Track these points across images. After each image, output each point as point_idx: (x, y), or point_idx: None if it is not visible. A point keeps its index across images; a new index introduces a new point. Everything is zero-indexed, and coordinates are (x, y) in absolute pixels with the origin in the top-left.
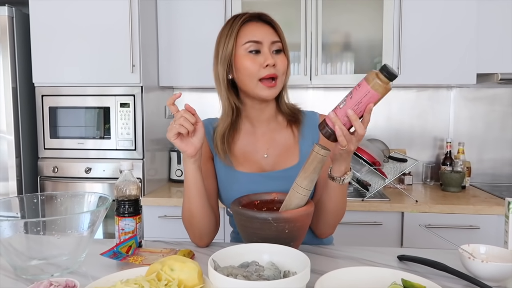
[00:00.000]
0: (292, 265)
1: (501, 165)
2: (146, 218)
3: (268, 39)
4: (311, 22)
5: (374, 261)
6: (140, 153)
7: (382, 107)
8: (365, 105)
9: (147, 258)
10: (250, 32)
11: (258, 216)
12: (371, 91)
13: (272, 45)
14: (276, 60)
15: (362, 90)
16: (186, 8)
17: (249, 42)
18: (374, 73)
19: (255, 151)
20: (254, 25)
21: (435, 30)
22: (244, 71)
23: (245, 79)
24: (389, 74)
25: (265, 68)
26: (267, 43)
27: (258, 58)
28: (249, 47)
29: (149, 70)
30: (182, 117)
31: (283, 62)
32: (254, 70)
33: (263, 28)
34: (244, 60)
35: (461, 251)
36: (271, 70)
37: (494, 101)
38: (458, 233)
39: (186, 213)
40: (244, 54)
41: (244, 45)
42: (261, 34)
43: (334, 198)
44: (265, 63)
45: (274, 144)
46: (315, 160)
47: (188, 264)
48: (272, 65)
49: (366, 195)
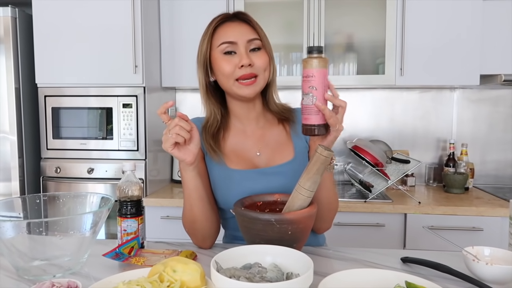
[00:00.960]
0: (295, 267)
1: (504, 167)
2: (148, 219)
3: (243, 38)
4: (314, 23)
5: (377, 263)
6: (143, 154)
7: (385, 108)
8: (327, 84)
9: (149, 259)
10: (224, 33)
11: (260, 217)
12: (321, 70)
13: (248, 43)
14: (253, 59)
15: (317, 76)
16: (189, 9)
17: (224, 44)
18: (308, 59)
19: (247, 149)
20: (229, 25)
21: (438, 31)
22: (220, 73)
23: (223, 80)
24: (317, 49)
25: (241, 69)
26: (243, 42)
27: (233, 59)
28: (224, 48)
29: (151, 71)
30: (177, 126)
31: (261, 59)
32: (229, 71)
33: (238, 28)
34: (219, 61)
35: (465, 253)
36: (247, 70)
37: (497, 102)
38: (461, 235)
39: (187, 219)
40: (219, 56)
41: (219, 46)
42: (235, 34)
43: (324, 188)
44: (240, 63)
45: (266, 141)
46: (318, 161)
47: (190, 266)
48: (247, 65)
49: (368, 196)
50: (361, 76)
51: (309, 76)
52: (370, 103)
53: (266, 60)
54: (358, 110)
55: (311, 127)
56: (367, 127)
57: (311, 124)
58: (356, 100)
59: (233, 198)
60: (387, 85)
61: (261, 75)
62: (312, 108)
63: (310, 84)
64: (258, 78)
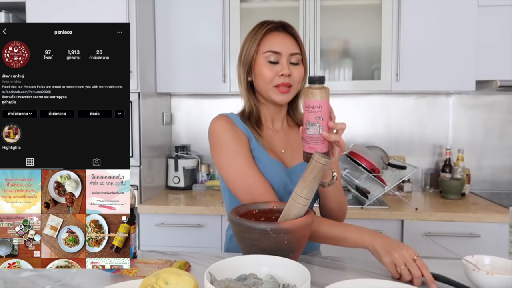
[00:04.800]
0: (292, 278)
1: (501, 172)
2: (142, 226)
3: (287, 51)
4: (310, 28)
5: (376, 272)
6: (137, 160)
7: (381, 114)
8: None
9: (142, 269)
10: (272, 42)
11: (256, 226)
12: (326, 100)
13: (290, 56)
14: (292, 71)
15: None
16: (184, 15)
17: (269, 52)
18: (313, 90)
19: (275, 144)
20: (276, 35)
21: (434, 36)
22: (261, 77)
23: (261, 83)
24: (319, 80)
25: (280, 77)
26: (286, 54)
27: (275, 67)
28: (268, 56)
29: (146, 77)
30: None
31: (299, 72)
32: (269, 78)
33: (284, 39)
34: (263, 67)
35: (465, 262)
36: (285, 79)
37: (493, 108)
38: (458, 241)
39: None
40: (263, 62)
41: (264, 53)
42: (281, 45)
43: (333, 197)
44: (281, 72)
45: (289, 141)
46: (315, 169)
47: (183, 278)
48: (287, 75)
49: (365, 202)
50: (357, 82)
51: (315, 107)
52: (366, 109)
53: (302, 74)
54: (354, 116)
55: (305, 155)
56: (363, 132)
57: (307, 152)
58: (352, 106)
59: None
60: (383, 90)
61: (295, 86)
62: (319, 137)
63: (317, 115)
64: (292, 88)
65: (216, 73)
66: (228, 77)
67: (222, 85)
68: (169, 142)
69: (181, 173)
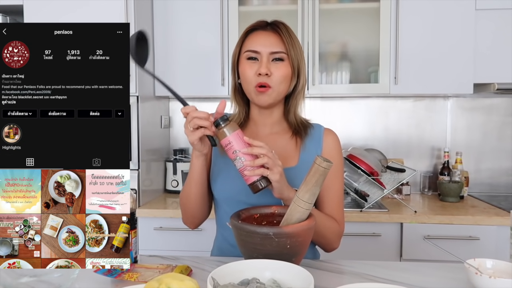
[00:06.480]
0: (295, 283)
1: (499, 175)
2: (141, 230)
3: (267, 49)
4: (308, 32)
5: (378, 276)
6: (136, 164)
7: (380, 117)
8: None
9: (143, 274)
10: (252, 42)
11: (258, 231)
12: (234, 134)
13: (271, 55)
14: (272, 70)
15: (234, 140)
16: (183, 18)
17: (248, 51)
18: (220, 131)
19: None
20: (258, 34)
21: (432, 39)
22: (243, 77)
23: (244, 85)
24: (221, 120)
25: (258, 76)
26: (266, 53)
27: (254, 66)
28: (248, 55)
29: (144, 80)
30: (194, 119)
31: (281, 72)
32: (249, 77)
33: (265, 38)
34: (243, 67)
35: (467, 266)
36: (263, 79)
37: (491, 111)
38: (458, 244)
39: (184, 195)
40: (243, 61)
41: (245, 53)
42: (261, 44)
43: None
44: (258, 71)
45: (274, 145)
46: (317, 173)
47: (186, 283)
48: (264, 74)
49: (364, 205)
50: (356, 85)
51: (227, 144)
52: (364, 112)
53: (285, 72)
54: (353, 118)
55: (254, 184)
56: (362, 136)
57: (253, 182)
58: (351, 109)
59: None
60: (381, 93)
61: (275, 87)
62: (245, 168)
63: (232, 150)
64: (271, 89)
65: (215, 76)
66: (227, 80)
67: (221, 88)
68: (167, 145)
69: (179, 177)
